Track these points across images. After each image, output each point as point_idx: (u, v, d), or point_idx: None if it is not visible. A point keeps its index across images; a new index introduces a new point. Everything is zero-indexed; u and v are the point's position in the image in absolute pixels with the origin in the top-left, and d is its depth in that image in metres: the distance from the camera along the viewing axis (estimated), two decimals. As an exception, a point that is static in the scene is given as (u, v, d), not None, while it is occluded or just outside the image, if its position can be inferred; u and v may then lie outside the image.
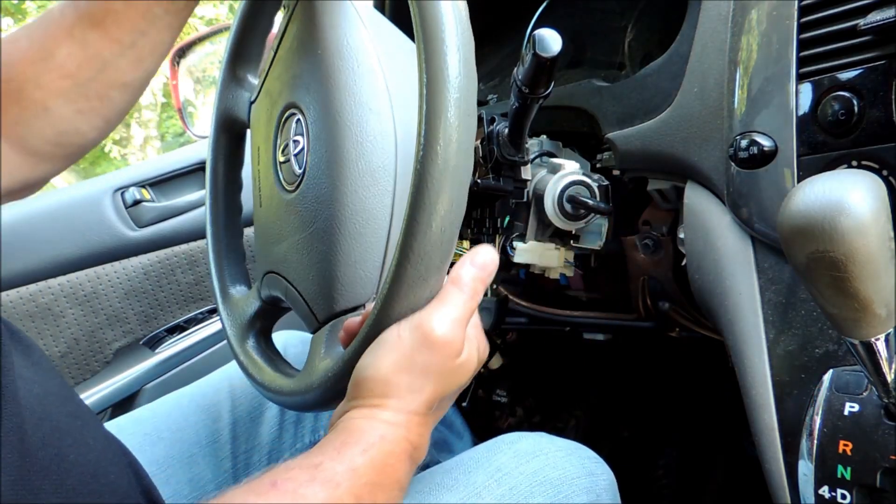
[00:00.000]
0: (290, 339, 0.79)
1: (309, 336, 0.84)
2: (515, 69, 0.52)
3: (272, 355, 0.62)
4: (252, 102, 0.66)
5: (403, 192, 0.50)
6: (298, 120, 0.55)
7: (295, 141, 0.56)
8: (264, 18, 0.66)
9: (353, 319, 0.47)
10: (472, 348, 0.44)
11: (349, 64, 0.52)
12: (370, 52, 0.52)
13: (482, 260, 0.44)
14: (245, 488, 0.36)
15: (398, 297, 0.41)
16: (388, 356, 0.41)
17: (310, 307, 0.53)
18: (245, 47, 0.67)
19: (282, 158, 0.58)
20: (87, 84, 0.53)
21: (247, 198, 0.71)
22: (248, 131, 0.68)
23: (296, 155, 0.55)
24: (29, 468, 0.35)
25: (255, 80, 0.68)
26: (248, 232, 0.76)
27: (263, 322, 0.63)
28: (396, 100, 0.52)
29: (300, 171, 0.54)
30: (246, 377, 0.60)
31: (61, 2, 0.53)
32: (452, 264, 0.70)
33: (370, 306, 0.45)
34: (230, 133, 0.70)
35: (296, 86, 0.56)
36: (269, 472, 0.37)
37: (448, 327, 0.41)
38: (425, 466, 0.38)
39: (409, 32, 0.43)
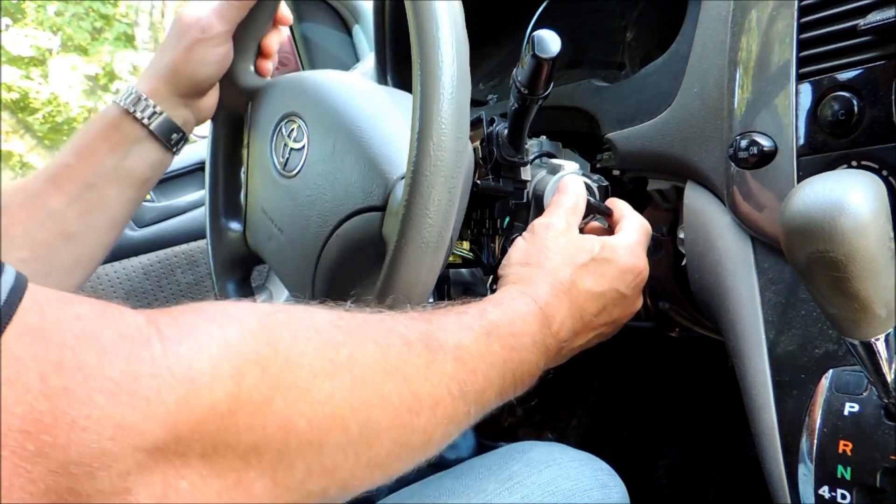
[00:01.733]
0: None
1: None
2: (515, 70, 0.52)
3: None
4: (243, 232, 0.69)
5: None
6: (288, 121, 0.58)
7: (290, 133, 0.59)
8: (234, 166, 0.70)
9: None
10: (608, 243, 0.51)
11: (329, 71, 0.58)
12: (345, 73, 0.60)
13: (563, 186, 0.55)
14: (393, 313, 0.38)
15: (393, 294, 0.41)
16: (515, 249, 0.51)
17: (370, 208, 0.52)
18: (224, 200, 0.70)
19: (282, 160, 0.59)
20: (34, 233, 0.55)
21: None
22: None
23: (295, 139, 0.58)
24: None
25: (239, 226, 0.70)
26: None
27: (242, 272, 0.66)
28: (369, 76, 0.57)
29: (302, 144, 0.57)
30: None
31: None
32: (451, 265, 0.70)
33: None
34: (240, 273, 0.72)
35: (278, 110, 0.60)
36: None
37: (551, 214, 0.52)
38: (431, 464, 0.40)
39: (407, 33, 0.43)
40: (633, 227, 0.55)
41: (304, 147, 0.56)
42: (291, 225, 0.61)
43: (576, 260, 0.49)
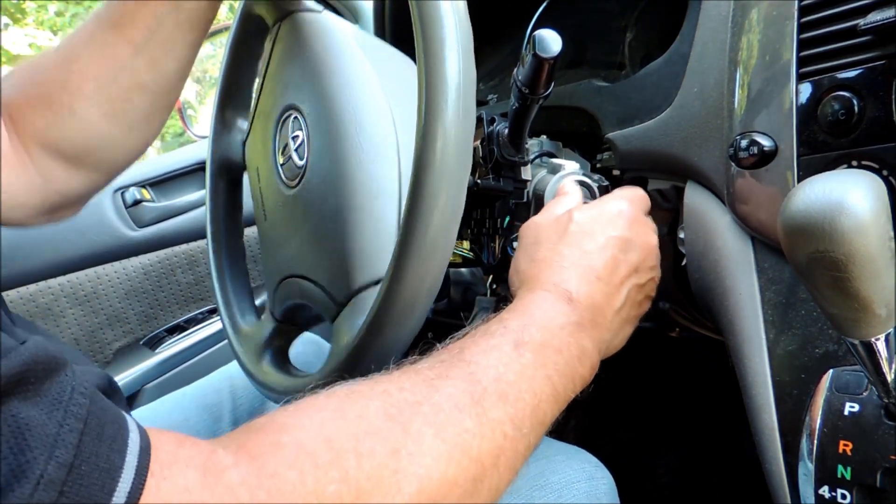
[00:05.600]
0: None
1: (309, 336, 0.84)
2: (515, 69, 0.52)
3: (291, 368, 0.62)
4: (245, 141, 0.68)
5: (408, 163, 0.51)
6: (296, 118, 0.56)
7: (294, 137, 0.56)
8: (249, 63, 0.68)
9: None
10: (587, 204, 0.50)
11: (337, 60, 0.54)
12: (355, 49, 0.55)
13: (560, 189, 0.56)
14: (434, 364, 0.39)
15: (396, 300, 0.41)
16: (511, 266, 0.50)
17: (328, 293, 0.52)
18: (233, 93, 0.70)
19: (282, 160, 0.58)
20: (108, 86, 0.55)
21: (247, 204, 0.71)
22: (246, 172, 0.69)
23: (296, 149, 0.56)
24: None
25: (245, 124, 0.70)
26: (249, 233, 0.76)
27: (280, 342, 0.63)
28: (386, 85, 0.54)
29: (302, 163, 0.55)
30: (266, 391, 0.60)
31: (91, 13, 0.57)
32: (451, 265, 0.70)
33: None
34: (228, 177, 0.72)
35: (289, 91, 0.58)
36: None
37: (543, 211, 0.52)
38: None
39: (409, 33, 0.43)
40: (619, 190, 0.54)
41: (303, 167, 0.55)
42: (274, 224, 0.61)
43: (560, 235, 0.48)
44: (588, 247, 0.47)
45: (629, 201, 0.51)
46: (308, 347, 0.81)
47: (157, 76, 0.56)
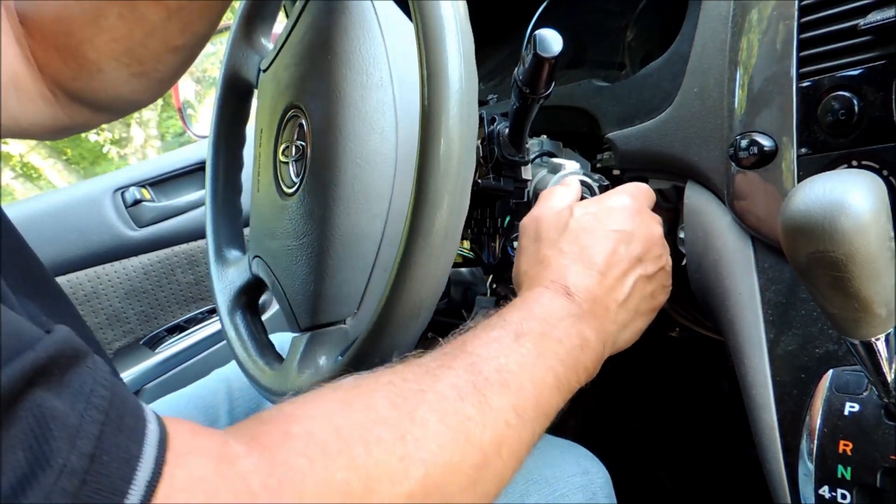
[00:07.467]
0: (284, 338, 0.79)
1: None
2: (516, 69, 0.52)
3: (258, 333, 0.63)
4: (264, 70, 0.64)
5: (397, 215, 0.51)
6: (301, 124, 0.56)
7: (297, 146, 0.56)
8: None
9: None
10: (590, 200, 0.51)
11: (358, 76, 0.50)
12: (382, 64, 0.51)
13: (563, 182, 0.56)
14: (438, 357, 0.39)
15: (401, 298, 0.41)
16: (517, 257, 0.51)
17: (293, 311, 0.54)
18: (259, 8, 0.66)
19: (283, 159, 0.58)
20: (139, 48, 0.53)
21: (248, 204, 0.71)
22: (256, 95, 0.67)
23: (295, 160, 0.55)
24: None
25: (267, 43, 0.66)
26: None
27: (251, 295, 0.65)
28: (402, 116, 0.51)
29: (296, 181, 0.55)
30: (231, 353, 0.62)
31: None
32: (455, 265, 0.70)
33: (350, 322, 0.51)
34: (237, 92, 0.69)
35: (302, 87, 0.56)
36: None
37: (541, 203, 0.52)
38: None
39: (409, 32, 0.43)
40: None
41: (296, 186, 0.55)
42: (263, 208, 0.61)
43: (560, 231, 0.48)
44: (587, 242, 0.47)
45: (631, 196, 0.51)
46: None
47: (190, 38, 0.55)
